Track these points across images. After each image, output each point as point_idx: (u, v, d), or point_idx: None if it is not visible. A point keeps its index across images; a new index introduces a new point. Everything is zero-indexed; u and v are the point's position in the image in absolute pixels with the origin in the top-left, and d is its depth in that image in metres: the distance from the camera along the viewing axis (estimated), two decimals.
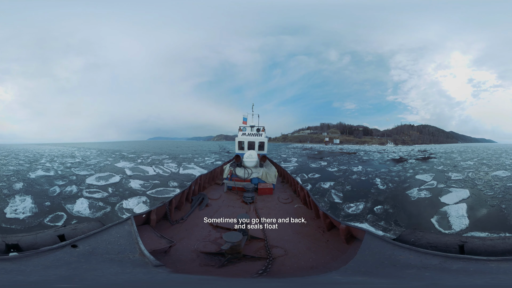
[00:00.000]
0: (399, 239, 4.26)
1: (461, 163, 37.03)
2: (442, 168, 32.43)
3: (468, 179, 22.70)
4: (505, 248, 3.66)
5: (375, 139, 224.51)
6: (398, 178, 25.27)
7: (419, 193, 17.89)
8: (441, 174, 26.81)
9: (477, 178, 23.07)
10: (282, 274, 4.16)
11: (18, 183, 20.11)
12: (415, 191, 18.42)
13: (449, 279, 3.09)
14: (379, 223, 12.66)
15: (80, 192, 17.43)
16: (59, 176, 24.97)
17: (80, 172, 27.25)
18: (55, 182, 20.97)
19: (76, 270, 3.31)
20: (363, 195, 18.57)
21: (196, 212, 7.36)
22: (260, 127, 13.39)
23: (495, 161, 40.40)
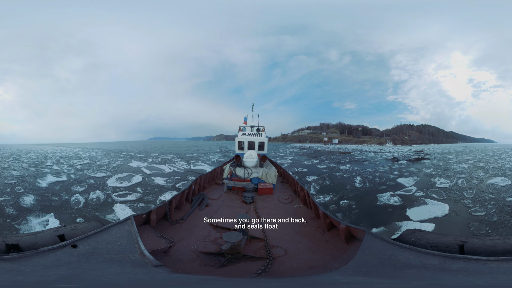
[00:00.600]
0: (399, 239, 4.26)
1: (454, 166, 33.67)
2: (431, 171, 28.97)
3: (456, 188, 18.97)
4: (505, 248, 3.66)
5: (374, 139, 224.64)
6: (379, 179, 25.02)
7: (390, 198, 16.55)
8: (427, 178, 23.45)
9: (467, 188, 18.94)
10: (282, 274, 4.16)
11: (27, 195, 15.93)
12: (387, 195, 17.32)
13: (449, 279, 3.09)
14: (336, 214, 13.45)
15: (109, 197, 15.87)
16: (74, 180, 22.04)
17: (95, 174, 25.65)
18: (73, 189, 18.28)
19: (76, 270, 3.31)
20: (336, 189, 19.74)
21: (196, 212, 7.36)
22: (260, 127, 13.39)
23: (493, 163, 36.62)
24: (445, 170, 29.70)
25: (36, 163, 36.50)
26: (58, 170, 28.28)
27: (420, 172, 28.58)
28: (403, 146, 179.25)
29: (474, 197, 16.31)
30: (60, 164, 35.33)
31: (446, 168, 32.34)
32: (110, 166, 33.41)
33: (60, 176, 23.83)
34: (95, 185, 20.19)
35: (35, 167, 30.89)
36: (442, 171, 29.30)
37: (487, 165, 34.49)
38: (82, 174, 25.65)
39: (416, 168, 32.78)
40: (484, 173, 26.85)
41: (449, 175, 25.43)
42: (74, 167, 31.77)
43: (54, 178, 22.83)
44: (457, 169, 30.88)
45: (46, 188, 18.88)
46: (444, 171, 28.89)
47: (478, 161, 41.59)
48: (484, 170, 29.44)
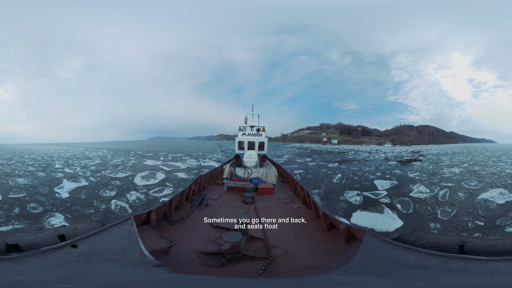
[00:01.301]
0: (399, 239, 4.26)
1: (444, 171, 28.65)
2: (415, 175, 25.76)
3: (432, 202, 15.06)
4: (505, 248, 3.66)
5: (373, 140, 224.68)
6: (358, 178, 25.50)
7: (353, 197, 16.64)
8: (406, 184, 21.15)
9: (447, 204, 14.46)
10: (282, 274, 4.16)
11: (52, 214, 12.22)
12: (353, 194, 17.49)
13: (449, 279, 3.09)
14: None
15: (149, 195, 15.46)
16: (98, 184, 20.10)
17: (115, 174, 24.88)
18: (103, 195, 16.47)
19: (76, 270, 3.31)
20: (313, 182, 21.84)
21: (196, 212, 7.36)
22: (260, 127, 13.39)
23: (490, 167, 31.09)
24: (431, 175, 25.37)
25: (43, 165, 32.47)
26: (72, 173, 25.45)
27: (403, 176, 26.27)
28: (402, 146, 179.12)
29: (452, 219, 11.98)
30: (70, 165, 32.14)
31: (433, 172, 27.67)
32: (126, 165, 33.37)
33: (78, 181, 21.17)
34: (124, 186, 19.56)
35: (44, 171, 26.90)
36: (428, 176, 25.14)
37: (483, 170, 28.72)
38: (101, 176, 24.24)
39: (402, 171, 29.93)
40: (478, 181, 21.36)
41: (433, 182, 21.21)
42: (88, 168, 29.65)
43: (72, 183, 19.82)
44: (446, 174, 25.98)
45: (70, 198, 15.73)
46: (430, 176, 24.60)
47: (474, 164, 36.25)
48: (478, 176, 24.03)
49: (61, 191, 17.20)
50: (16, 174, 24.32)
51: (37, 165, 32.50)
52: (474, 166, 32.92)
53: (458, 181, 21.50)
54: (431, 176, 25.10)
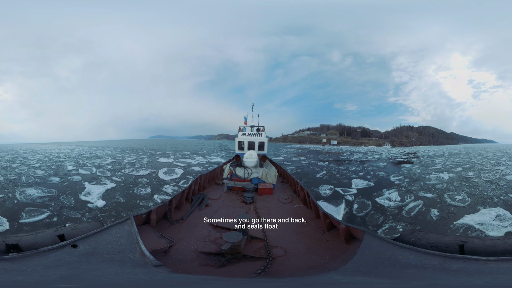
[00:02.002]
0: (399, 239, 4.26)
1: (431, 176, 24.63)
2: (397, 179, 23.72)
3: (390, 215, 13.00)
4: (505, 248, 3.66)
5: (373, 141, 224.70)
6: (340, 175, 26.87)
7: (324, 190, 17.99)
8: (381, 187, 19.99)
9: (408, 222, 11.93)
10: (282, 274, 4.16)
11: None
12: (326, 188, 19.07)
13: (449, 279, 3.08)
14: None
15: (182, 187, 15.96)
16: (127, 184, 19.32)
17: (137, 172, 25.23)
18: (140, 193, 15.88)
19: (76, 270, 3.31)
20: (298, 175, 22.98)
21: (196, 212, 7.36)
22: (260, 127, 13.39)
23: (488, 173, 25.66)
24: (414, 181, 22.54)
25: (53, 167, 28.95)
26: (90, 174, 23.71)
27: (384, 178, 25.10)
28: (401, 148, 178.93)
29: None
30: (83, 166, 29.86)
31: (418, 177, 24.52)
32: (142, 163, 34.19)
33: (102, 183, 19.54)
34: (154, 182, 20.39)
35: (57, 175, 23.32)
36: (410, 181, 22.36)
37: (479, 176, 23.94)
38: (125, 175, 23.70)
39: (386, 173, 28.58)
40: (467, 193, 16.53)
41: (411, 190, 18.32)
42: (104, 168, 28.34)
43: (98, 187, 18.02)
44: (431, 180, 22.54)
45: (109, 205, 13.77)
46: (412, 182, 21.81)
47: (468, 168, 31.16)
48: (470, 186, 19.42)
49: (91, 198, 14.88)
50: (25, 183, 19.49)
51: (45, 168, 28.53)
52: (468, 171, 27.76)
53: (442, 192, 17.40)
54: (413, 181, 22.27)
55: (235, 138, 13.39)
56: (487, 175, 24.86)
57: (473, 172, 27.13)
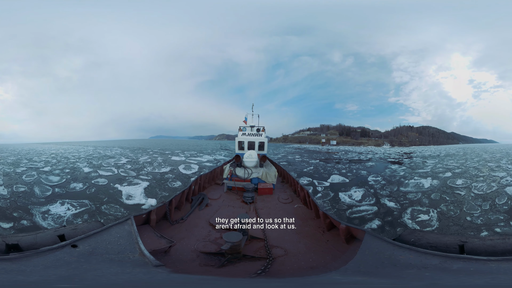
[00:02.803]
0: (399, 239, 4.26)
1: (412, 181, 21.63)
2: (374, 180, 22.93)
3: None
4: (505, 248, 3.66)
5: (372, 141, 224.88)
6: (324, 170, 30.15)
7: (302, 180, 18.50)
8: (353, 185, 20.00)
9: None
10: (282, 274, 4.16)
11: None
12: (305, 180, 20.87)
13: (449, 279, 3.08)
14: None
15: None
16: (157, 180, 20.24)
17: (159, 170, 26.81)
18: (174, 187, 16.67)
19: (76, 270, 3.31)
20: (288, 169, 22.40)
21: (196, 212, 7.36)
22: (260, 127, 13.40)
23: (481, 183, 19.49)
24: (389, 184, 20.67)
25: (66, 170, 25.56)
26: (116, 175, 22.63)
27: (361, 177, 24.92)
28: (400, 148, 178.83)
29: None
30: (100, 167, 27.86)
31: (395, 181, 22.18)
32: (159, 161, 35.83)
33: (135, 182, 19.30)
34: (180, 177, 22.65)
35: (76, 179, 20.54)
36: (385, 184, 20.71)
37: (469, 185, 18.80)
38: (150, 173, 24.67)
39: (368, 173, 28.24)
40: (440, 214, 12.51)
41: (377, 193, 16.75)
42: (124, 167, 27.61)
43: (135, 187, 17.64)
44: (407, 186, 19.62)
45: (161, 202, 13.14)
46: (386, 185, 19.99)
47: (460, 172, 25.99)
48: (451, 201, 14.70)
49: (139, 200, 14.32)
50: (42, 197, 14.97)
51: (58, 172, 24.41)
52: (459, 177, 22.21)
53: (408, 204, 14.45)
54: (388, 185, 20.52)
55: (235, 138, 13.39)
56: (480, 185, 18.89)
57: (463, 179, 21.53)
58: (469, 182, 20.43)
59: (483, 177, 22.62)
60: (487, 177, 23.00)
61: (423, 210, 13.15)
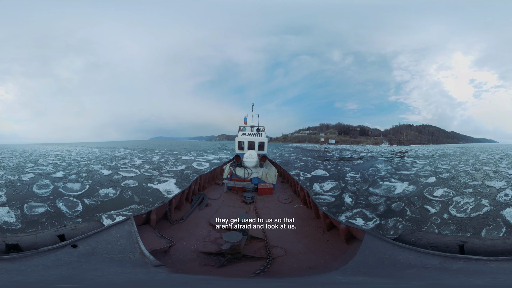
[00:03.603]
0: (399, 239, 4.26)
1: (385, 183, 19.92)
2: (352, 176, 23.17)
3: None
4: (505, 248, 3.66)
5: (370, 139, 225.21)
6: (312, 165, 34.65)
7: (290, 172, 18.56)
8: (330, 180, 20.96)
9: None
10: (282, 274, 4.16)
11: None
12: (295, 172, 23.36)
13: (449, 279, 3.08)
14: None
15: None
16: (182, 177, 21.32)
17: (177, 167, 29.31)
18: None
19: (76, 270, 3.31)
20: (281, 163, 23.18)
21: (196, 212, 7.36)
22: (260, 127, 13.39)
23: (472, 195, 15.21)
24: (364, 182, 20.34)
25: (83, 174, 22.81)
26: (140, 176, 22.62)
27: (341, 173, 25.91)
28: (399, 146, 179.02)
29: None
30: (119, 169, 26.67)
31: (370, 181, 21.35)
32: (172, 160, 38.20)
33: (163, 180, 20.14)
34: (198, 172, 23.83)
35: (101, 184, 18.61)
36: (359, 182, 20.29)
37: (454, 199, 14.59)
38: (170, 171, 26.48)
39: (351, 169, 29.42)
40: None
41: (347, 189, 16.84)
42: (143, 168, 28.08)
43: (166, 184, 18.66)
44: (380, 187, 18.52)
45: None
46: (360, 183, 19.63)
47: (448, 178, 21.75)
48: (414, 223, 11.81)
49: None
50: (76, 215, 12.17)
51: (74, 176, 21.53)
52: (441, 185, 18.10)
53: (364, 206, 14.06)
54: (363, 182, 20.26)
55: (235, 138, 13.39)
56: (465, 200, 13.98)
57: (446, 189, 16.92)
58: (452, 194, 15.72)
59: (473, 188, 17.38)
60: (478, 188, 17.45)
61: (368, 217, 12.56)
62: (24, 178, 20.61)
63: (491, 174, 23.56)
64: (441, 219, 11.92)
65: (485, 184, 18.58)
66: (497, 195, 15.17)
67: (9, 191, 15.78)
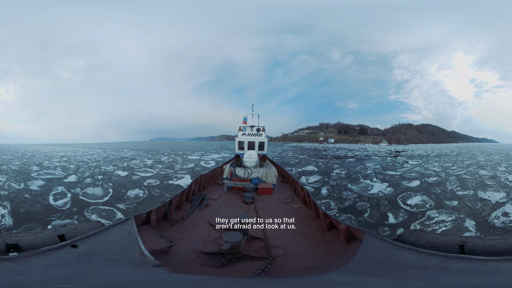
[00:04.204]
0: (399, 239, 4.26)
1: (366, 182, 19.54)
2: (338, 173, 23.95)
3: None
4: (505, 248, 3.66)
5: (369, 138, 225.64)
6: (305, 162, 37.99)
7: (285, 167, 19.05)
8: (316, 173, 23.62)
9: None
10: (282, 274, 4.16)
11: None
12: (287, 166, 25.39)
13: (449, 279, 3.08)
14: None
15: None
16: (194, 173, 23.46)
17: (187, 166, 31.31)
18: None
19: (76, 270, 3.31)
20: (278, 161, 25.74)
21: (196, 212, 7.36)
22: (260, 127, 13.39)
23: (450, 217, 10.72)
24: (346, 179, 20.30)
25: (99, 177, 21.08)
26: (158, 175, 23.37)
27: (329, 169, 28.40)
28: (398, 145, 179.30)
29: None
30: (134, 169, 26.33)
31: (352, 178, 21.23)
32: (180, 160, 39.53)
33: (180, 177, 21.51)
34: (208, 169, 23.72)
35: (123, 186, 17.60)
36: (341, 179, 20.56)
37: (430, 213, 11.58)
38: (183, 168, 28.66)
39: (339, 166, 31.63)
40: None
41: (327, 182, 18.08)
42: (157, 167, 29.51)
43: (186, 180, 19.59)
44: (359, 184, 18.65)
45: None
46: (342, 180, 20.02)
47: (434, 183, 18.64)
48: None
49: None
50: None
51: (90, 180, 19.70)
52: (421, 192, 15.39)
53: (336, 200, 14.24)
54: (344, 179, 20.63)
55: (235, 138, 13.38)
56: (441, 221, 10.82)
57: (426, 197, 14.27)
58: (429, 205, 12.82)
59: (459, 201, 13.47)
60: (467, 200, 13.52)
61: (330, 208, 13.00)
62: (32, 186, 16.79)
63: (487, 181, 19.47)
64: (392, 234, 9.59)
65: (477, 195, 14.46)
66: (491, 215, 11.06)
67: (17, 206, 12.11)
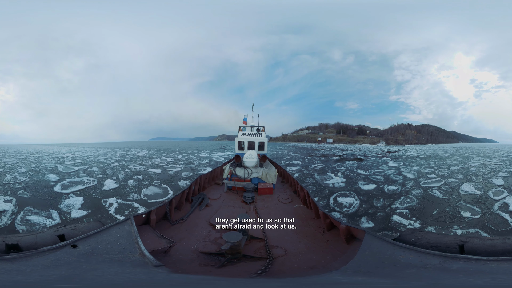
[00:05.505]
0: (399, 239, 4.26)
1: (334, 180, 19.78)
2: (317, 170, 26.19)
3: None
4: (505, 248, 3.66)
5: (368, 139, 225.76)
6: (294, 158, 44.47)
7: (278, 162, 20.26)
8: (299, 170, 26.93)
9: None
10: (282, 274, 4.16)
11: None
12: (280, 162, 27.28)
13: (449, 279, 3.09)
14: None
15: None
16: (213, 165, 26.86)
17: (203, 161, 35.70)
18: None
19: (76, 270, 3.30)
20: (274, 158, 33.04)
21: (196, 212, 7.36)
22: (260, 127, 13.39)
23: None
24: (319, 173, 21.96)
25: (140, 178, 20.10)
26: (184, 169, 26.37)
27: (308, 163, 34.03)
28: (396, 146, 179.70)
29: None
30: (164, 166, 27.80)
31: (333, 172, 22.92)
32: (192, 158, 42.84)
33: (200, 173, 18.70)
34: (220, 163, 24.62)
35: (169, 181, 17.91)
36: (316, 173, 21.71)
37: None
38: (201, 164, 32.12)
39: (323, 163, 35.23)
40: None
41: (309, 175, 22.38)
42: (179, 163, 33.21)
43: None
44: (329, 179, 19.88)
45: None
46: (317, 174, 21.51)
47: (393, 193, 15.87)
48: None
49: None
50: None
51: (134, 182, 18.11)
52: (370, 202, 13.52)
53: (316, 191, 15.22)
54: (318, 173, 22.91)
55: (235, 138, 13.39)
56: None
57: (357, 202, 13.36)
58: (345, 210, 11.99)
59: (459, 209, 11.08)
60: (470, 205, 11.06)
61: None
62: (73, 212, 11.74)
63: (484, 193, 13.53)
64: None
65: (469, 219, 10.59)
66: None
67: None
